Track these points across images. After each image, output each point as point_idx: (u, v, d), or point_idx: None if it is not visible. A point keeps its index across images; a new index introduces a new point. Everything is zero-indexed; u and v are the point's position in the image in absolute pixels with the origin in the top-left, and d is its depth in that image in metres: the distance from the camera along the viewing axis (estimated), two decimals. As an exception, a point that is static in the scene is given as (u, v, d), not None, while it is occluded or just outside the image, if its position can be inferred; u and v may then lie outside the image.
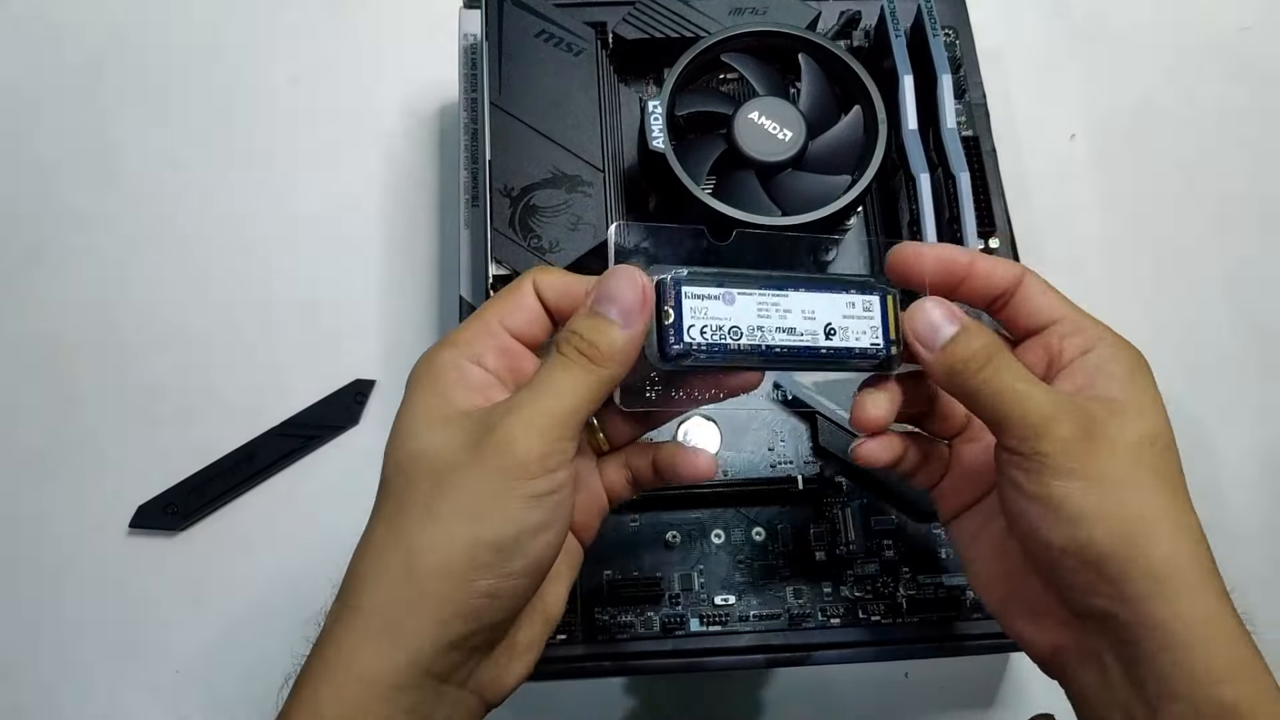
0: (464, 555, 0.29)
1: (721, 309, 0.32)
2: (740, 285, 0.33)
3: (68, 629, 0.52)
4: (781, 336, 0.33)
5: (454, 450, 0.30)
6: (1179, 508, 0.31)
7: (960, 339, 0.32)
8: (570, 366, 0.31)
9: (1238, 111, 0.64)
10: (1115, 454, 0.31)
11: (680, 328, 0.32)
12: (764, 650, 0.45)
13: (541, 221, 0.46)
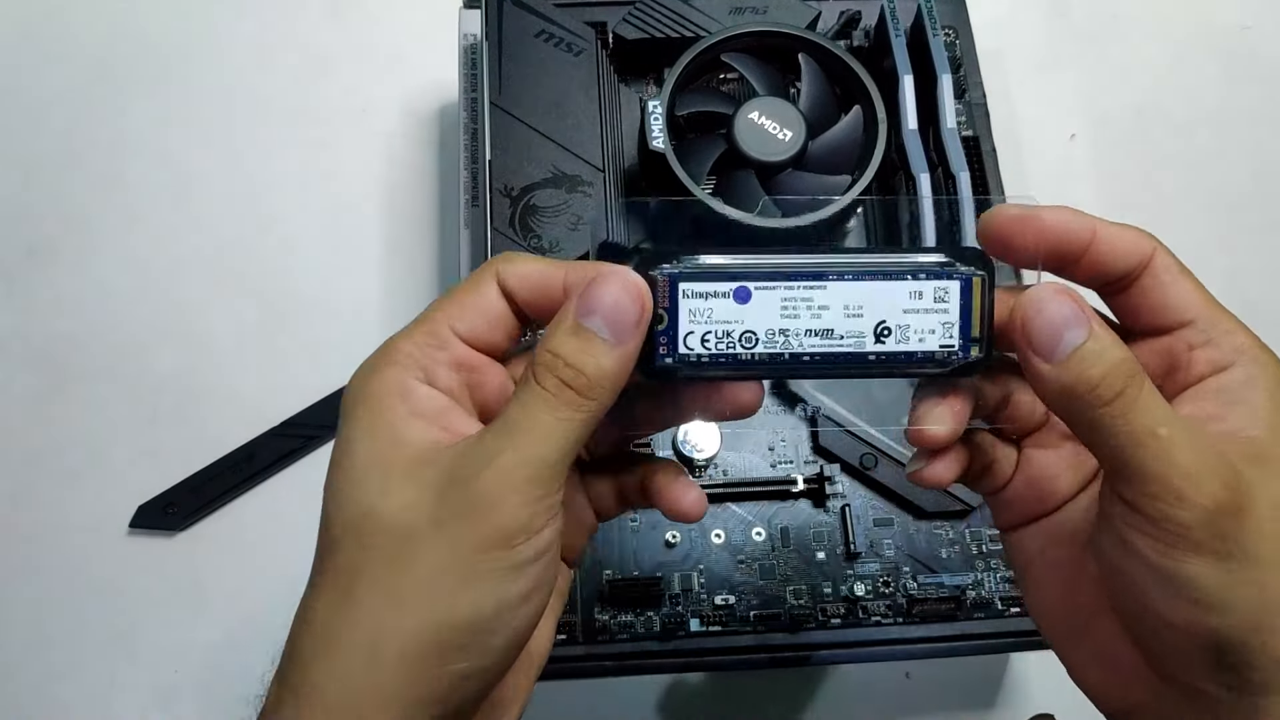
0: (434, 640, 0.24)
1: (732, 309, 0.26)
2: (759, 277, 0.25)
3: (67, 628, 0.52)
4: (814, 342, 0.26)
5: (417, 512, 0.24)
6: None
7: (1091, 351, 0.24)
8: (553, 402, 0.25)
9: (1238, 111, 0.64)
10: (1262, 526, 0.24)
11: (674, 336, 0.26)
12: (764, 651, 0.45)
13: (541, 221, 0.46)
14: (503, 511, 0.24)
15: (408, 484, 0.25)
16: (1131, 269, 0.27)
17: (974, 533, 0.47)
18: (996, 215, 0.27)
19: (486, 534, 0.24)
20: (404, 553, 0.24)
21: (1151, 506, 0.24)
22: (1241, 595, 0.24)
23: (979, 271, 0.26)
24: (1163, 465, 0.24)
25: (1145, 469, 0.24)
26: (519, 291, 0.27)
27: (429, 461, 0.25)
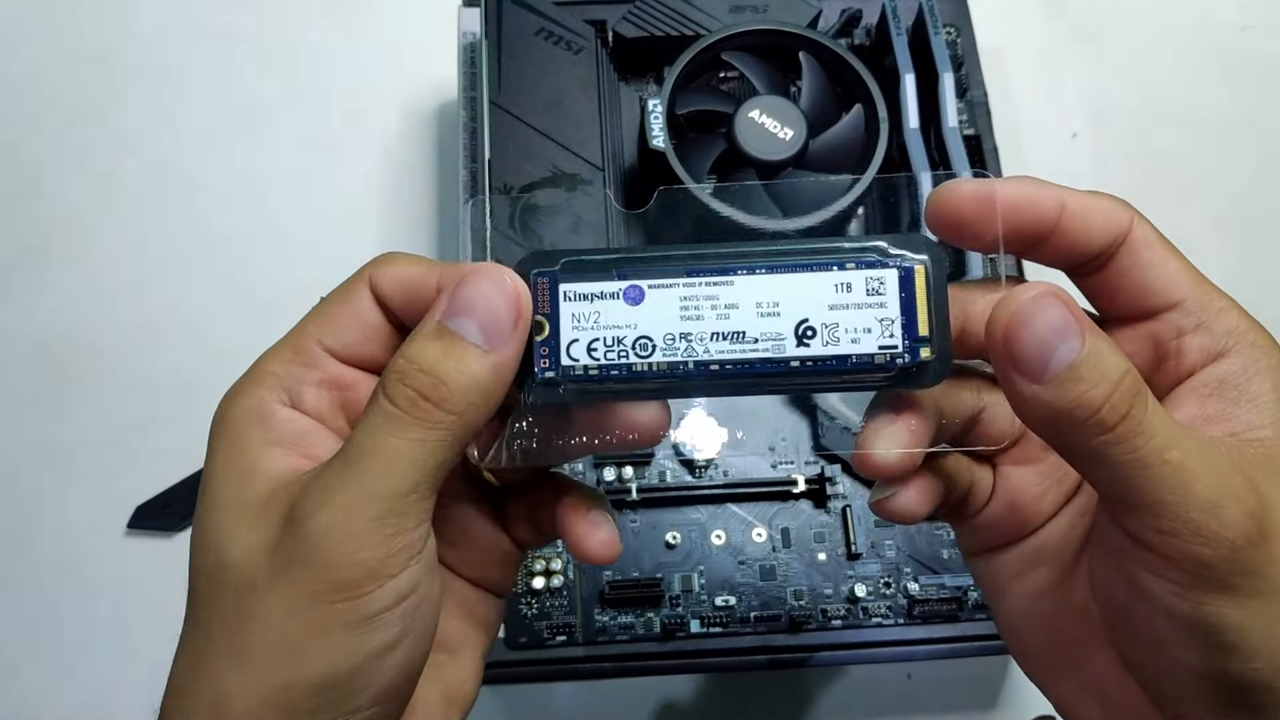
0: (281, 701, 0.21)
1: (623, 312, 0.22)
2: (654, 273, 0.22)
3: (65, 629, 0.52)
4: (722, 347, 0.22)
5: (259, 558, 0.22)
6: None
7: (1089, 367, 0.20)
8: (404, 421, 0.21)
9: (1239, 111, 0.64)
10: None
11: (556, 346, 0.22)
12: (765, 652, 0.45)
13: (541, 221, 0.46)
14: (344, 555, 0.21)
15: (254, 530, 0.22)
16: (1107, 245, 0.23)
17: (975, 533, 0.47)
18: (947, 192, 0.23)
19: (330, 581, 0.21)
20: (246, 604, 0.22)
21: (1165, 544, 0.21)
22: (1272, 634, 0.21)
23: (920, 257, 0.22)
24: (1177, 497, 0.20)
25: (1156, 502, 0.20)
26: (392, 296, 0.24)
27: (276, 500, 0.22)
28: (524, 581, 0.45)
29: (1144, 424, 0.20)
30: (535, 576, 0.45)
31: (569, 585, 0.45)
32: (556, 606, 0.45)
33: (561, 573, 0.45)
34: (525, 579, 0.45)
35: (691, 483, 0.47)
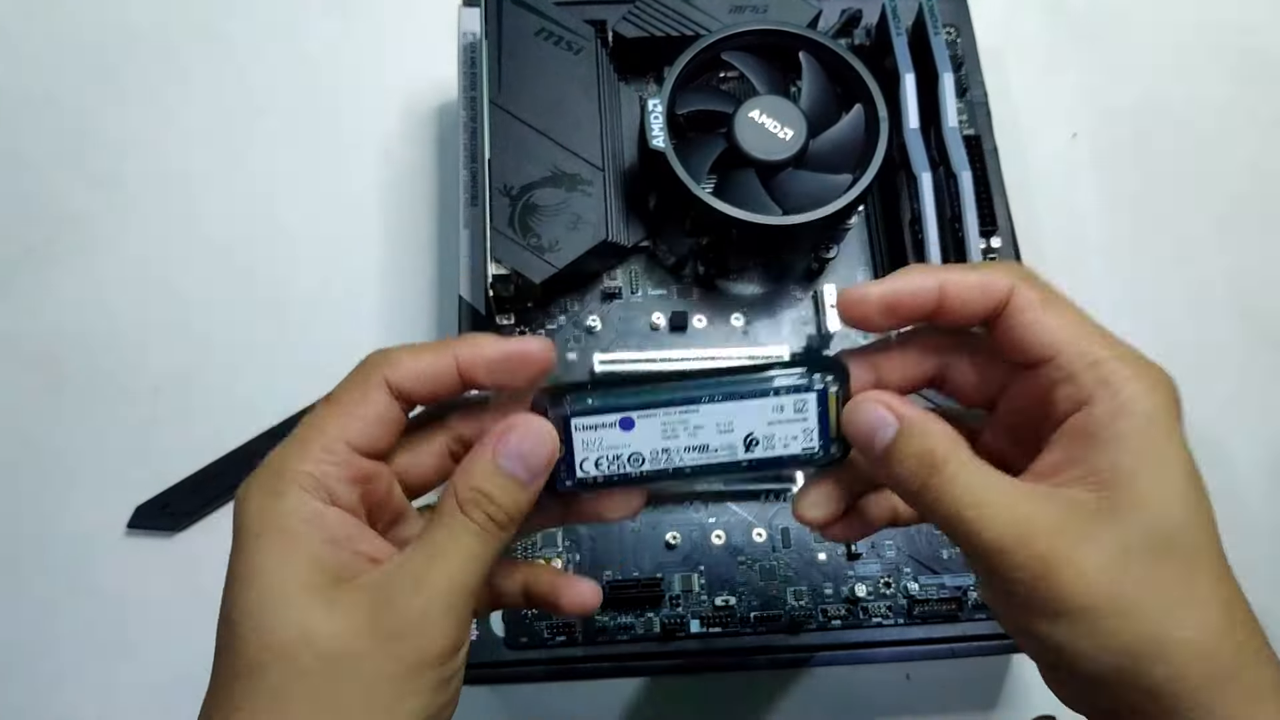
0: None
1: (619, 436, 0.29)
2: (640, 406, 0.29)
3: (65, 629, 0.52)
4: (692, 456, 0.30)
5: (350, 635, 0.25)
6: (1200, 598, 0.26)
7: (897, 448, 0.27)
8: (479, 533, 0.27)
9: (1239, 110, 0.64)
10: (1088, 578, 0.25)
11: (572, 463, 0.29)
12: (765, 652, 0.45)
13: (541, 220, 0.46)
14: (437, 633, 0.26)
15: (335, 608, 0.26)
16: (987, 313, 0.28)
17: (975, 533, 0.47)
18: (847, 300, 0.29)
19: (423, 654, 0.26)
20: (343, 671, 0.25)
21: (990, 578, 0.26)
22: (1093, 646, 0.25)
23: (832, 385, 0.29)
24: (975, 544, 0.26)
25: (965, 547, 0.26)
26: (416, 391, 0.29)
27: (355, 586, 0.26)
28: (524, 581, 0.45)
29: (943, 489, 0.26)
30: (535, 576, 0.45)
31: None
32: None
33: (561, 573, 0.45)
34: (525, 579, 0.45)
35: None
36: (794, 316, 0.51)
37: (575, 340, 0.49)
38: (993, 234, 0.51)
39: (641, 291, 0.50)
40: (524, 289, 0.47)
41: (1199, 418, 0.60)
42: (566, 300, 0.50)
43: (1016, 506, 0.26)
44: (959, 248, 0.46)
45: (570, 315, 0.50)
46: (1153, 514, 0.26)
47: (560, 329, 0.50)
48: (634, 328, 0.50)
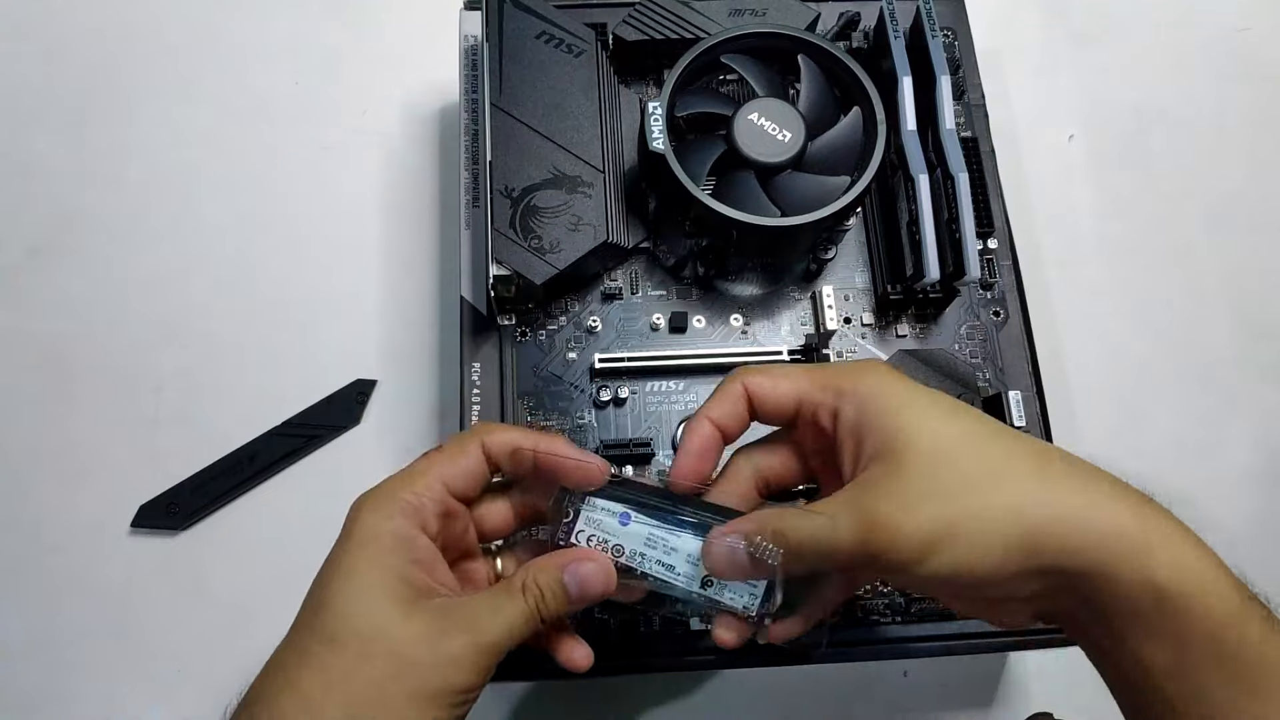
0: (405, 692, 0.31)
1: (615, 526, 0.36)
2: (641, 510, 0.36)
3: (70, 628, 0.52)
4: (659, 569, 0.36)
5: (413, 644, 0.32)
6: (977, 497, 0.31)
7: (749, 546, 0.33)
8: (525, 611, 0.33)
9: (1236, 112, 0.65)
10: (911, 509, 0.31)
11: (572, 528, 0.36)
12: (763, 650, 0.45)
13: (542, 222, 0.46)
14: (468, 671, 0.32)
15: (410, 620, 0.32)
16: (747, 412, 0.36)
17: (972, 532, 0.47)
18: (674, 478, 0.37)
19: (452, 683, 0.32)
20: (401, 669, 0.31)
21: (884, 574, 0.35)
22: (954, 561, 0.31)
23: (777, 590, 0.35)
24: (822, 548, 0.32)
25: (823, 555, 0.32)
26: (499, 457, 0.36)
27: (426, 606, 0.32)
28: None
29: (787, 532, 0.33)
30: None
31: None
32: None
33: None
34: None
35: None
36: (793, 317, 0.51)
37: (576, 340, 0.50)
38: (989, 235, 0.51)
39: (641, 292, 0.51)
40: (525, 289, 0.47)
41: (1194, 416, 0.61)
42: (567, 301, 0.50)
43: (839, 516, 0.32)
44: (956, 249, 0.47)
45: (571, 316, 0.50)
46: (922, 449, 0.32)
47: (561, 329, 0.50)
48: (634, 328, 0.50)
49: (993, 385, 0.50)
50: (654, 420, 0.48)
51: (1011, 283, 0.52)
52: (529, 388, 0.49)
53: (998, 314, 0.51)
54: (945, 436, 0.32)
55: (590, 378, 0.49)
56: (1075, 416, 0.57)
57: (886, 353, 0.50)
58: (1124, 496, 0.32)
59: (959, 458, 0.32)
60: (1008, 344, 0.51)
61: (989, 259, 0.52)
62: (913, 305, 0.51)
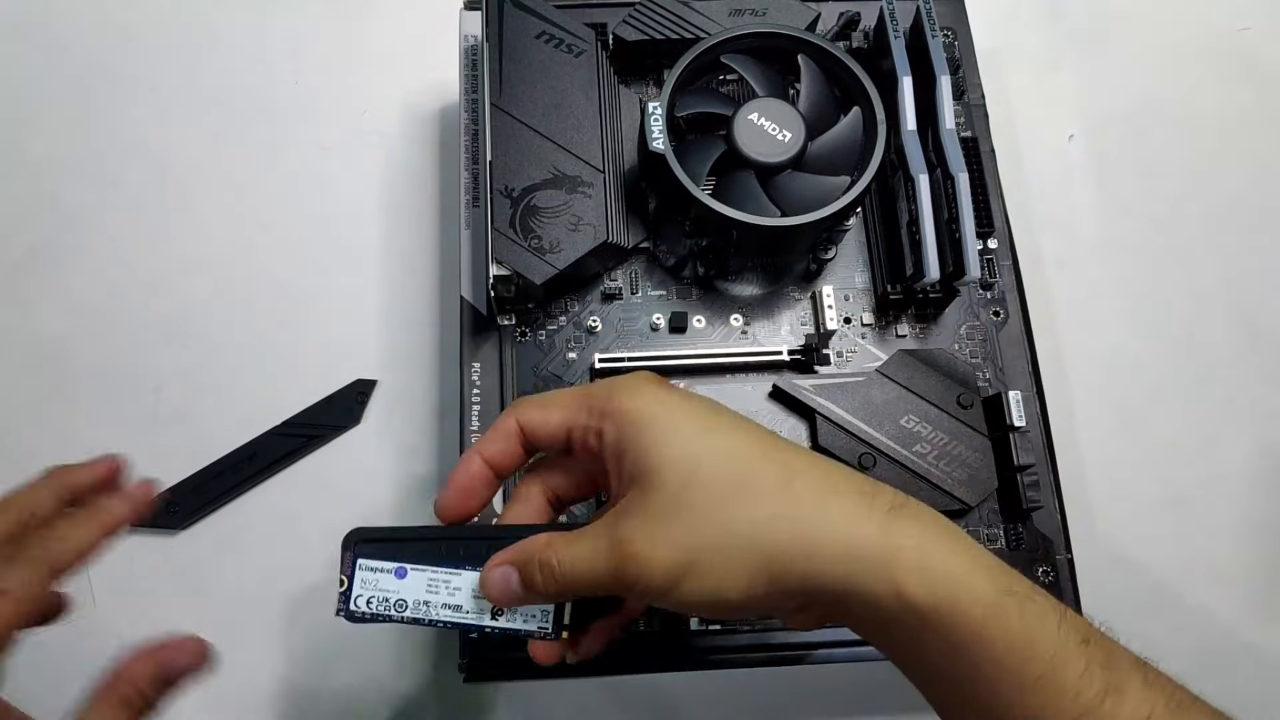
0: None
1: (392, 582, 0.35)
2: (415, 559, 0.35)
3: (67, 628, 0.52)
4: (446, 613, 0.35)
5: None
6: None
7: (523, 574, 0.34)
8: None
9: (1236, 112, 0.65)
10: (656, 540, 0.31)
11: (349, 596, 0.36)
12: (763, 649, 0.45)
13: (542, 222, 0.46)
14: None
15: None
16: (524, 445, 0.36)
17: (971, 532, 0.47)
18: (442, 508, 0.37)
19: None
20: None
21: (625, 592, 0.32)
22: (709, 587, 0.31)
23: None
24: (581, 577, 0.32)
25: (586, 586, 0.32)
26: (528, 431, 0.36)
27: None
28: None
29: (564, 572, 0.32)
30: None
31: None
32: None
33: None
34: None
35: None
36: (792, 317, 0.51)
37: (576, 341, 0.50)
38: (989, 235, 0.51)
39: (641, 292, 0.51)
40: (525, 289, 0.47)
41: (1193, 417, 0.61)
42: (567, 301, 0.50)
43: (598, 545, 0.32)
44: (956, 249, 0.47)
45: (571, 316, 0.50)
46: (670, 470, 0.31)
47: (561, 329, 0.50)
48: (634, 328, 0.50)
49: (993, 385, 0.50)
50: (654, 420, 0.48)
51: (1011, 283, 0.52)
52: (529, 388, 0.49)
53: (998, 314, 0.51)
54: (694, 454, 0.31)
55: (590, 378, 0.49)
56: (1075, 416, 0.57)
57: (886, 353, 0.50)
58: (870, 507, 0.31)
59: (706, 478, 0.31)
60: (1008, 344, 0.51)
61: (989, 259, 0.52)
62: (913, 305, 0.51)
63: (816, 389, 0.49)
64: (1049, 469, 0.48)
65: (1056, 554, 0.47)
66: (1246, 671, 0.53)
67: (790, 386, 0.49)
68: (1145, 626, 0.53)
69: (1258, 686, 0.53)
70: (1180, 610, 0.53)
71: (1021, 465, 0.46)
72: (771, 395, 0.49)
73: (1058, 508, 0.48)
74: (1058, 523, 0.48)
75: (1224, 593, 0.54)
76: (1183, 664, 0.38)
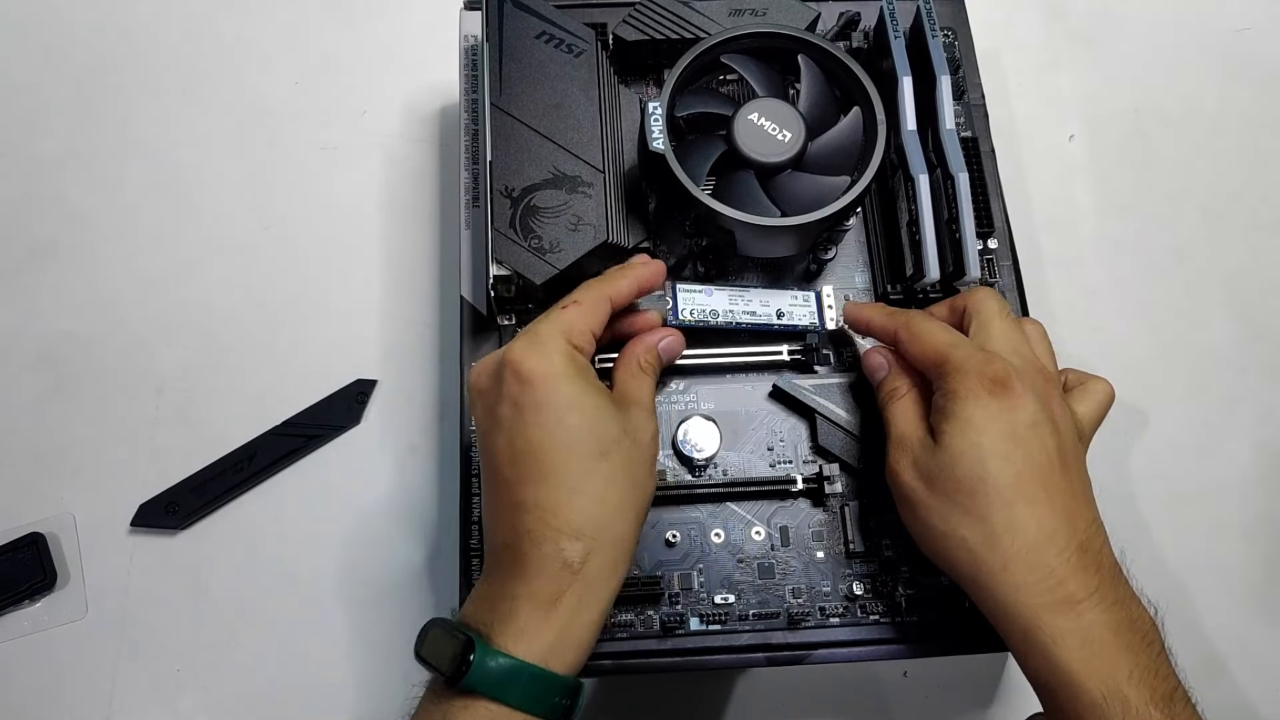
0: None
1: (704, 299, 0.49)
2: (718, 286, 0.50)
3: (69, 627, 0.52)
4: (746, 316, 0.49)
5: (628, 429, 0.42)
6: None
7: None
8: (650, 379, 0.44)
9: (1235, 112, 0.65)
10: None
11: (677, 310, 0.48)
12: (763, 649, 0.45)
13: (542, 222, 0.46)
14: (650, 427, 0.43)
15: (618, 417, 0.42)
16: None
17: (972, 532, 0.47)
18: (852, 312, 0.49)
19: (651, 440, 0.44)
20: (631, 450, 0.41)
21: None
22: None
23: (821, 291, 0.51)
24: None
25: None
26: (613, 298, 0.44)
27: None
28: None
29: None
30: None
31: None
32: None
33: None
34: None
35: (691, 481, 0.48)
36: (793, 317, 0.51)
37: (576, 340, 0.50)
38: (989, 235, 0.51)
39: (641, 292, 0.51)
40: (525, 290, 0.47)
41: (1194, 416, 0.61)
42: (567, 301, 0.50)
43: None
44: (956, 249, 0.47)
45: (571, 316, 0.50)
46: (950, 456, 0.39)
47: (561, 329, 0.50)
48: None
49: (993, 385, 0.50)
50: (654, 420, 0.48)
51: (1011, 283, 0.52)
52: (529, 388, 0.49)
53: (998, 314, 0.51)
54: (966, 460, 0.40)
55: (590, 378, 0.49)
56: (1075, 416, 0.57)
57: (886, 353, 0.50)
58: None
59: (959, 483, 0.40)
60: (1008, 344, 0.51)
61: (989, 259, 0.52)
62: (913, 305, 0.51)
63: (816, 389, 0.49)
64: (1049, 469, 0.48)
65: (1056, 554, 0.47)
66: (1246, 671, 0.53)
67: (790, 386, 0.49)
68: (1145, 626, 0.53)
69: (1258, 686, 0.53)
70: (1180, 610, 0.53)
71: (1021, 465, 0.46)
72: (771, 395, 0.49)
73: (1058, 507, 0.48)
74: (1058, 522, 0.48)
75: (1224, 593, 0.54)
76: (1183, 664, 0.38)
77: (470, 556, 0.46)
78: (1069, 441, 0.40)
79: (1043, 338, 0.45)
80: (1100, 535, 0.39)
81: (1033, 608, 0.37)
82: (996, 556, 0.38)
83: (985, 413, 0.39)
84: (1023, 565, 0.37)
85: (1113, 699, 0.35)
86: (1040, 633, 0.37)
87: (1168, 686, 0.36)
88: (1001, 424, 0.39)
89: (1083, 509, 0.39)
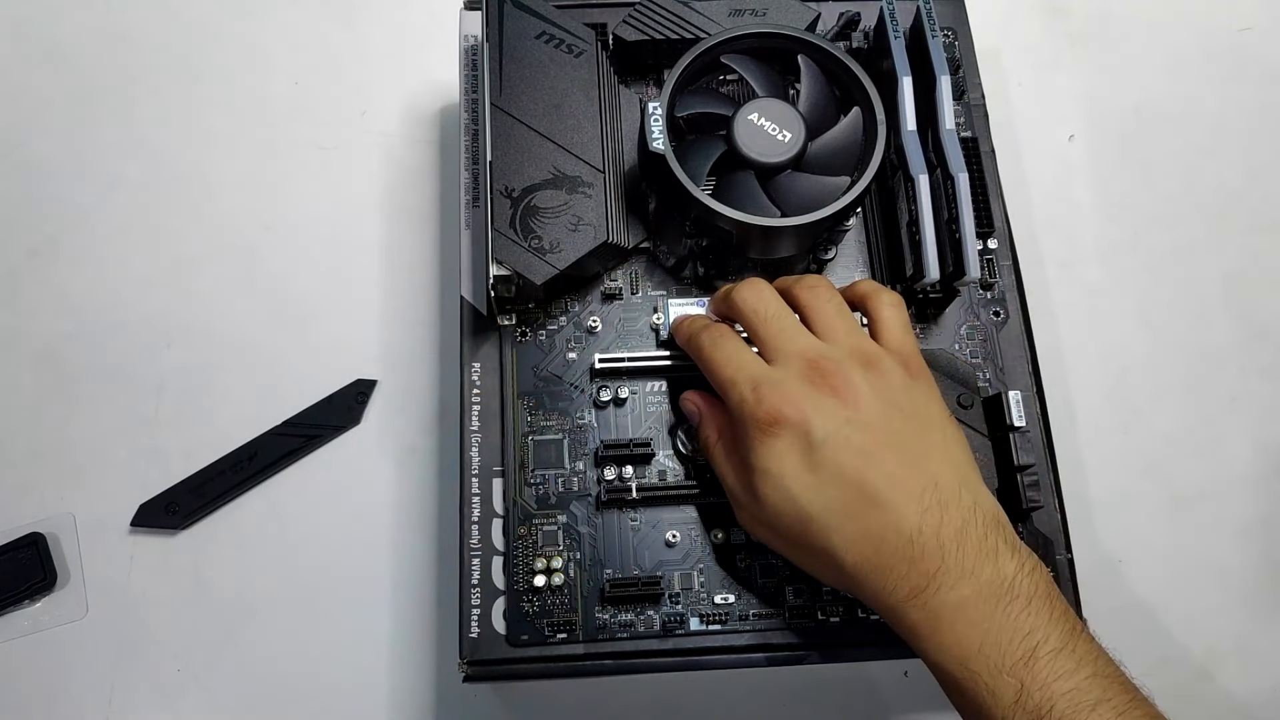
0: None
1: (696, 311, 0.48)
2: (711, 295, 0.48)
3: (69, 627, 0.52)
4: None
5: None
6: None
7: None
8: None
9: (1236, 112, 0.65)
10: None
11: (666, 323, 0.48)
12: (764, 649, 0.46)
13: (542, 222, 0.46)
14: None
15: None
16: None
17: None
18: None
19: None
20: None
21: None
22: None
23: None
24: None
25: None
26: None
27: None
28: (525, 580, 0.45)
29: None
30: (536, 575, 0.45)
31: (570, 583, 0.46)
32: (558, 604, 0.45)
33: (562, 571, 0.46)
34: (527, 577, 0.45)
35: (691, 481, 0.48)
36: (793, 317, 0.51)
37: (576, 341, 0.50)
38: (989, 235, 0.51)
39: (642, 292, 0.51)
40: (525, 290, 0.47)
41: (1194, 416, 0.61)
42: (567, 301, 0.50)
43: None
44: (956, 249, 0.47)
45: (571, 316, 0.50)
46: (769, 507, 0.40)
47: (561, 329, 0.50)
48: (634, 328, 0.50)
49: (993, 385, 0.50)
50: (654, 420, 0.48)
51: (1011, 283, 0.52)
52: (529, 388, 0.49)
53: (998, 314, 0.51)
54: None
55: (590, 378, 0.49)
56: (1075, 416, 0.57)
57: (886, 353, 0.50)
58: None
59: None
60: (1008, 344, 0.51)
61: (989, 259, 0.52)
62: (913, 305, 0.51)
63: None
64: (1049, 469, 0.48)
65: (1056, 554, 0.47)
66: (1246, 671, 0.53)
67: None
68: (1145, 626, 0.53)
69: (1258, 686, 0.53)
70: (1180, 610, 0.53)
71: (1021, 465, 0.46)
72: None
73: (1058, 508, 0.48)
74: (1058, 523, 0.48)
75: (1224, 593, 0.54)
76: (1183, 664, 0.38)
77: (470, 557, 0.46)
78: (879, 422, 0.39)
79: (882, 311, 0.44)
80: (935, 510, 0.38)
81: (894, 608, 0.38)
82: (849, 575, 0.38)
83: (773, 455, 0.39)
84: (871, 572, 0.38)
85: (963, 675, 0.36)
86: (903, 628, 0.38)
87: (1026, 646, 0.35)
88: (793, 458, 0.38)
89: (913, 489, 0.38)
